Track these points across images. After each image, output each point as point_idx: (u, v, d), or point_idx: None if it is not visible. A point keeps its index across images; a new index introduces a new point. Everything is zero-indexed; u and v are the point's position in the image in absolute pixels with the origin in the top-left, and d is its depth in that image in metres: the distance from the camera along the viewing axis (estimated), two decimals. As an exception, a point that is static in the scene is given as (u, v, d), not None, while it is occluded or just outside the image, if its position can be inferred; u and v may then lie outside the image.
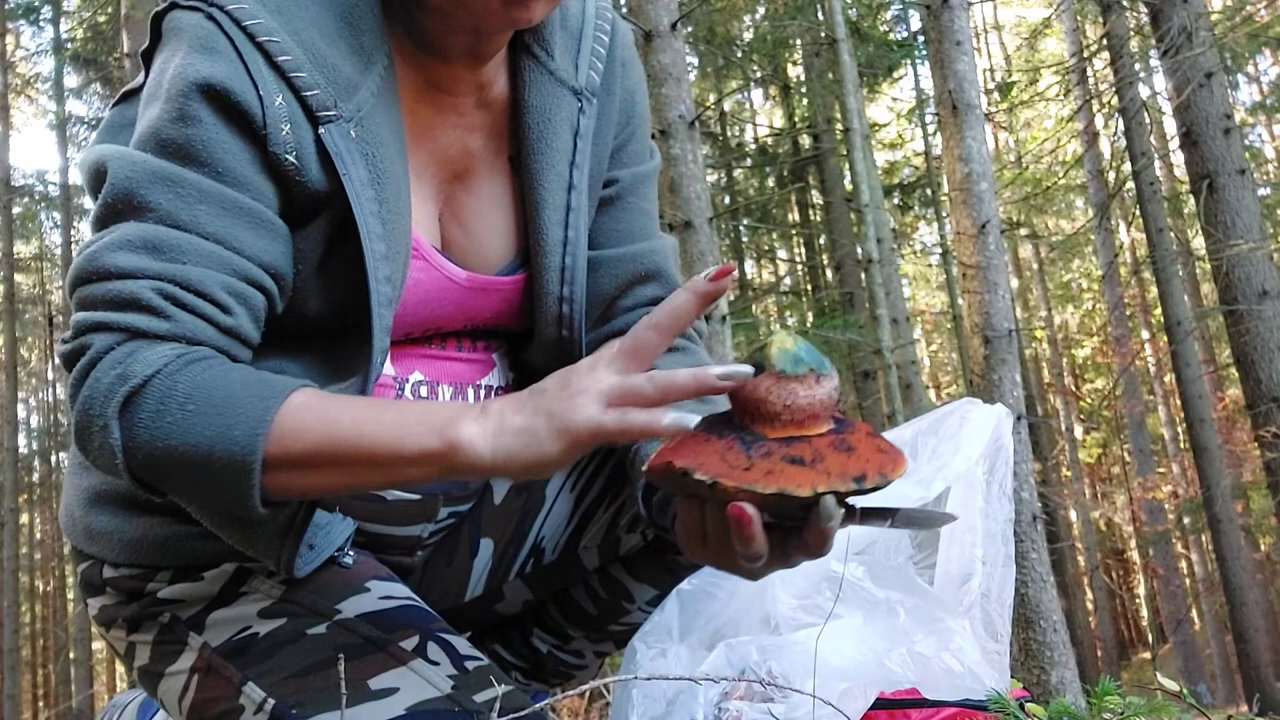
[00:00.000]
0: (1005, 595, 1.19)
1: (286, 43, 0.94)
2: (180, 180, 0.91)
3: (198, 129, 0.92)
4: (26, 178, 15.87)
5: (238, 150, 0.93)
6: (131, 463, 0.86)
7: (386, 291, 0.98)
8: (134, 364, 0.85)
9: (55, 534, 19.02)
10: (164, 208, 0.90)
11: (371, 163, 0.97)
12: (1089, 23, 14.57)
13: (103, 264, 0.89)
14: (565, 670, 1.33)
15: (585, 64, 1.12)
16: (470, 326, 1.14)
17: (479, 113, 1.09)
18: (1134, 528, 20.35)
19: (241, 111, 0.92)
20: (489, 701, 0.93)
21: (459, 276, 1.09)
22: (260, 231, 0.94)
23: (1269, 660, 11.12)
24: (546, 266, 1.10)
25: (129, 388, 0.85)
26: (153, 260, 0.89)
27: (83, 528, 1.06)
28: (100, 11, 12.74)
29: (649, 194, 1.23)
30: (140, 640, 1.05)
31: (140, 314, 0.88)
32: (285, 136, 0.94)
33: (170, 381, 0.85)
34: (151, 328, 0.88)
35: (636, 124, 1.20)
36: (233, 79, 0.92)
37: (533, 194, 1.10)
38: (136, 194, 0.90)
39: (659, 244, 1.21)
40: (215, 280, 0.90)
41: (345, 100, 0.96)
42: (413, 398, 1.10)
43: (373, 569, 1.07)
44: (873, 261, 9.06)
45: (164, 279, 0.89)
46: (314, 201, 0.97)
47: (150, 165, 0.91)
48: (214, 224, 0.91)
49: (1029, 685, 5.35)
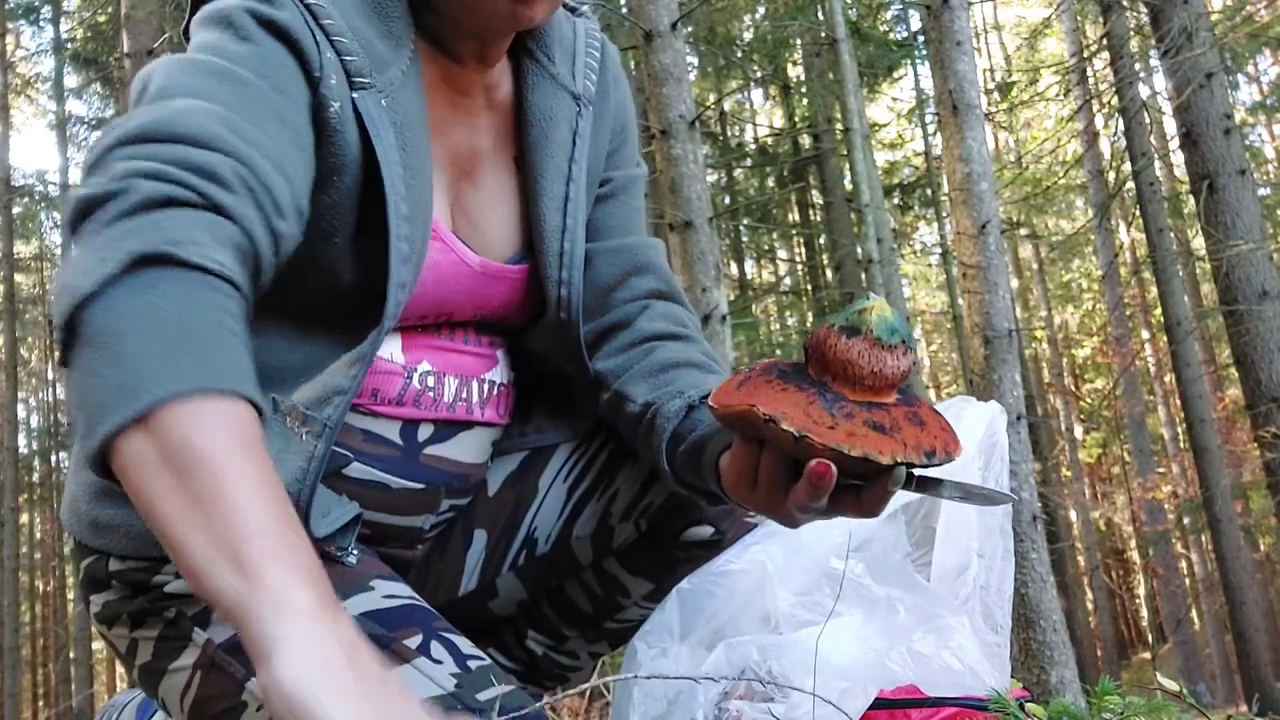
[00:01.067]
0: (1005, 588, 1.19)
1: (329, 9, 0.97)
2: (246, 82, 0.88)
3: (262, 47, 0.92)
4: (26, 178, 15.89)
5: (297, 82, 0.94)
6: (91, 302, 0.70)
7: (404, 249, 0.99)
8: (200, 245, 0.73)
9: (55, 534, 19.05)
10: (231, 100, 0.84)
11: (400, 132, 1.00)
12: (1089, 23, 14.57)
13: (177, 125, 0.79)
14: (560, 672, 1.34)
15: (580, 74, 1.18)
16: (479, 316, 1.16)
17: (486, 114, 1.14)
18: (1134, 528, 20.35)
19: (301, 50, 0.94)
20: (491, 700, 0.94)
21: (473, 261, 1.11)
22: (303, 160, 0.92)
23: (1269, 660, 11.12)
24: (546, 252, 1.14)
25: (174, 252, 0.71)
26: (228, 133, 0.80)
27: (88, 521, 1.06)
28: (100, 11, 12.75)
29: (636, 198, 1.29)
30: (143, 636, 1.05)
31: (216, 186, 0.77)
32: (334, 86, 0.96)
33: (189, 288, 0.71)
34: (220, 199, 0.77)
35: (628, 133, 1.28)
36: (294, 22, 0.94)
37: (534, 185, 1.15)
38: (198, 84, 0.84)
39: (651, 241, 1.27)
40: (279, 183, 0.84)
41: (379, 73, 0.99)
42: (420, 387, 1.11)
43: (376, 568, 1.07)
44: (873, 261, 9.07)
45: (239, 159, 0.80)
46: (344, 162, 0.98)
47: (214, 64, 0.88)
48: (275, 133, 0.87)
49: (1029, 685, 5.35)
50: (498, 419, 1.21)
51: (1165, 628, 18.08)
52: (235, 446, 0.68)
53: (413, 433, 1.12)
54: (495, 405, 1.20)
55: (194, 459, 0.66)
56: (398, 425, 1.11)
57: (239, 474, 0.67)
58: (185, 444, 0.66)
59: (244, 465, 0.67)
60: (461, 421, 1.15)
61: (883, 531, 1.23)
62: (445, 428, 1.14)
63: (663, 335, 1.18)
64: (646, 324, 1.19)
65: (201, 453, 0.66)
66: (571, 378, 1.22)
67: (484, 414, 1.18)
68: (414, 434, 1.12)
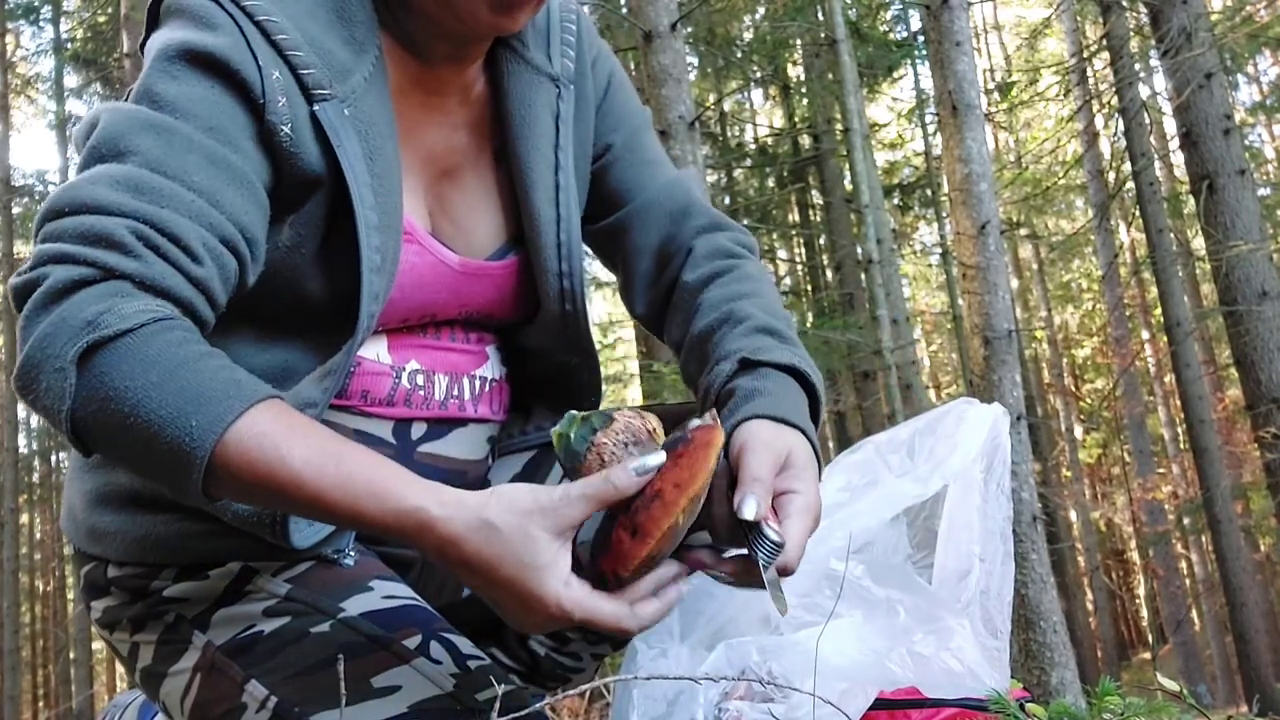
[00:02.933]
0: (1005, 592, 1.19)
1: (284, 24, 0.96)
2: (172, 130, 0.90)
3: (192, 87, 0.92)
4: (26, 178, 15.86)
5: (233, 114, 0.93)
6: (77, 414, 0.82)
7: (376, 260, 0.98)
8: (107, 314, 0.81)
9: (55, 534, 19.03)
10: (152, 153, 0.89)
11: (365, 139, 0.99)
12: (1089, 23, 14.57)
13: (78, 197, 0.86)
14: (562, 673, 1.34)
15: (557, 53, 1.16)
16: (464, 314, 1.15)
17: (463, 110, 1.13)
18: (1134, 528, 20.35)
19: (239, 80, 0.93)
20: (490, 700, 0.94)
21: (452, 260, 1.10)
22: (244, 193, 0.93)
23: (1269, 661, 11.12)
24: (543, 245, 1.13)
25: (97, 336, 0.81)
26: (132, 198, 0.86)
27: (86, 529, 1.07)
28: (100, 11, 12.76)
29: (649, 143, 1.26)
30: (144, 640, 1.05)
31: (113, 252, 0.84)
32: (282, 108, 0.95)
33: (142, 343, 0.81)
34: (123, 267, 0.84)
35: (615, 85, 1.23)
36: (232, 50, 0.93)
37: (522, 177, 1.13)
38: (125, 138, 0.89)
39: (674, 179, 1.24)
40: (192, 230, 0.88)
41: (340, 83, 0.98)
42: (409, 386, 1.11)
43: (376, 568, 1.07)
44: (873, 262, 9.06)
45: (140, 219, 0.85)
46: (308, 181, 0.98)
47: (142, 114, 0.91)
48: (200, 176, 0.89)
49: (1029, 686, 5.35)
50: (491, 414, 1.20)
51: (1165, 628, 18.07)
52: (294, 428, 0.82)
53: (405, 432, 1.11)
54: (488, 401, 1.19)
55: (273, 463, 0.80)
56: (390, 425, 1.10)
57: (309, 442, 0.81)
58: (260, 462, 0.80)
59: (311, 434, 0.83)
60: (454, 419, 1.15)
61: (884, 534, 1.23)
62: (438, 425, 1.14)
63: (705, 284, 1.16)
64: (691, 277, 1.17)
65: (281, 443, 0.80)
66: (575, 368, 1.22)
67: (477, 410, 1.17)
68: (407, 433, 1.11)
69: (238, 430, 0.80)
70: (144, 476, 0.88)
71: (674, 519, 0.81)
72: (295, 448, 0.80)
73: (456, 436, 1.16)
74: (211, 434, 0.79)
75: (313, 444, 0.81)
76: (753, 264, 1.20)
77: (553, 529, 0.80)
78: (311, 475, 0.80)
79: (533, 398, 1.27)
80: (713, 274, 1.16)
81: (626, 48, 6.19)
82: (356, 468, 0.81)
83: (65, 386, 0.81)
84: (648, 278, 1.22)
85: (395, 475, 0.82)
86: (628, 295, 1.25)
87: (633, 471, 0.82)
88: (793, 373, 1.04)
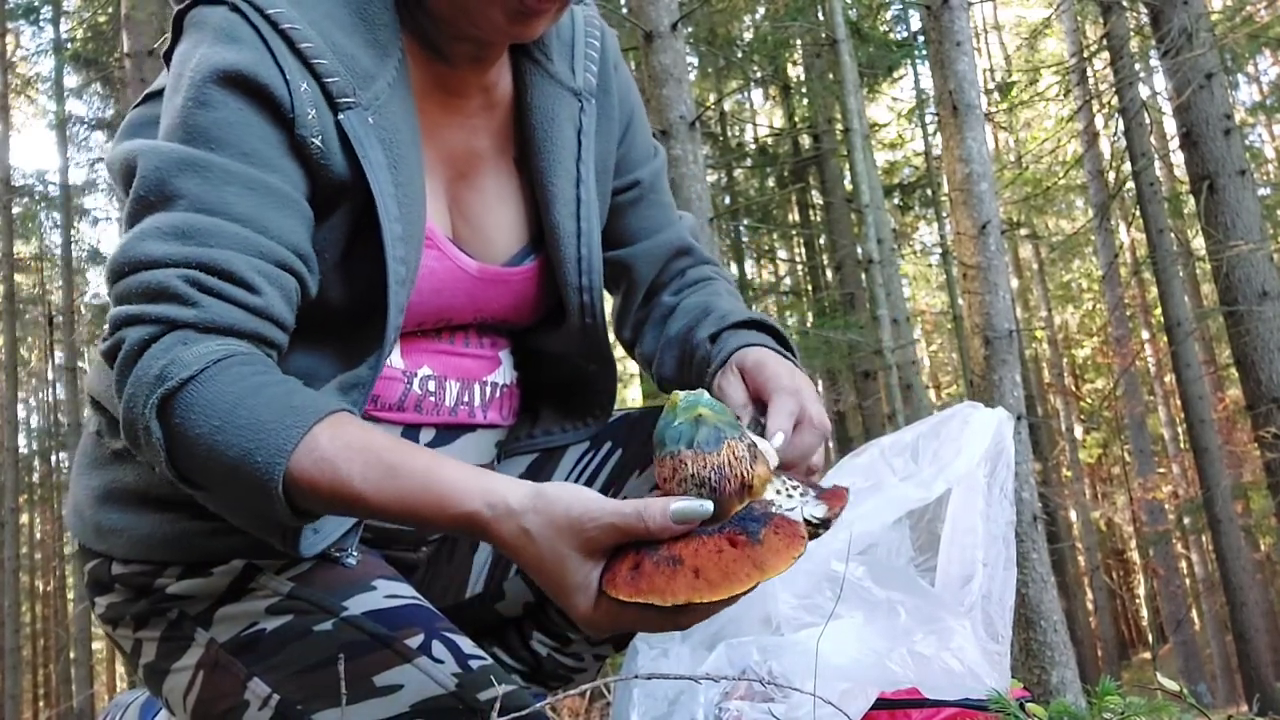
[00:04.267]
0: (1006, 597, 1.19)
1: (307, 31, 0.96)
2: (207, 165, 0.91)
3: (223, 112, 0.93)
4: (26, 178, 15.85)
5: (265, 133, 0.94)
6: (177, 464, 0.87)
7: (401, 272, 0.99)
8: (172, 365, 0.85)
9: (55, 534, 19.04)
10: (193, 193, 0.91)
11: (389, 148, 0.99)
12: (1089, 23, 14.56)
13: (133, 255, 0.89)
14: (564, 673, 1.34)
15: (580, 67, 1.16)
16: (479, 319, 1.16)
17: (484, 114, 1.13)
18: (1134, 528, 20.34)
19: (268, 96, 0.94)
20: (492, 700, 0.94)
21: (470, 266, 1.11)
22: (287, 213, 0.94)
23: (1269, 660, 11.12)
24: (564, 259, 1.14)
25: (165, 390, 0.85)
26: (180, 246, 0.89)
27: (92, 526, 1.07)
28: (100, 11, 12.75)
29: (664, 186, 1.31)
30: (147, 637, 1.06)
31: (170, 304, 0.88)
32: (312, 121, 0.95)
33: (201, 390, 0.85)
34: (181, 316, 0.87)
35: (636, 124, 1.26)
36: (259, 66, 0.93)
37: (543, 191, 1.13)
38: (166, 183, 0.91)
39: (680, 224, 1.30)
40: (243, 262, 0.90)
41: (364, 89, 0.98)
42: (420, 392, 1.11)
43: (378, 568, 1.07)
44: (873, 262, 9.06)
45: (191, 265, 0.88)
46: (336, 190, 0.98)
47: (177, 153, 0.92)
48: (242, 205, 0.91)
49: (1029, 685, 5.35)
50: (500, 421, 1.20)
51: (1165, 628, 18.07)
52: (353, 439, 0.85)
53: (414, 437, 1.11)
54: (498, 407, 1.19)
55: (337, 467, 0.83)
56: (398, 430, 1.10)
57: (369, 456, 0.83)
58: (324, 485, 0.83)
59: (371, 444, 0.85)
60: (463, 425, 1.15)
61: (887, 537, 1.23)
62: (447, 431, 1.14)
63: (682, 300, 1.24)
64: (671, 298, 1.25)
65: (340, 459, 0.83)
66: (593, 375, 1.22)
67: (486, 416, 1.18)
68: (415, 439, 1.11)
69: (298, 458, 0.83)
70: (250, 513, 0.91)
71: (666, 603, 0.72)
72: (353, 466, 0.82)
73: (464, 443, 1.16)
74: (277, 467, 0.82)
75: (369, 460, 0.83)
76: (726, 286, 1.27)
77: (582, 550, 0.78)
78: (372, 492, 0.82)
79: (542, 401, 1.27)
80: (690, 292, 1.24)
81: (627, 48, 6.19)
82: (410, 481, 0.82)
83: (155, 443, 0.86)
84: (637, 306, 1.28)
85: (447, 481, 0.82)
86: (619, 321, 1.31)
87: (670, 516, 0.76)
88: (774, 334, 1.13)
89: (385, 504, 0.82)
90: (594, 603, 0.77)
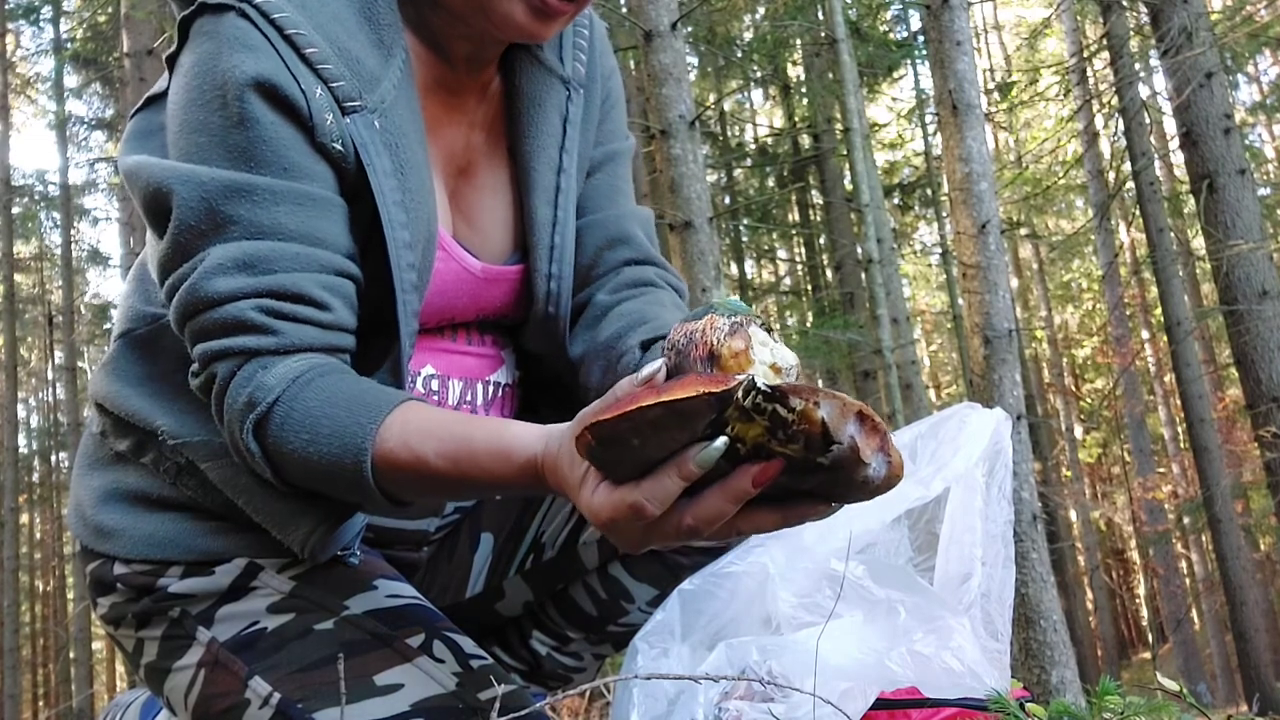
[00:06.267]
0: (1005, 596, 1.20)
1: (312, 35, 0.96)
2: (253, 188, 0.92)
3: (258, 129, 0.93)
4: (26, 178, 15.86)
5: (295, 142, 0.95)
6: (281, 477, 0.93)
7: (411, 278, 1.00)
8: (256, 390, 0.91)
9: (55, 534, 19.03)
10: (245, 219, 0.92)
11: (395, 153, 0.99)
12: (1089, 23, 14.57)
13: (204, 293, 0.92)
14: (564, 673, 1.34)
15: (570, 56, 1.16)
16: (480, 318, 1.16)
17: (480, 108, 1.13)
18: (1134, 528, 20.34)
19: (290, 104, 0.94)
20: (492, 699, 0.94)
21: (474, 267, 1.11)
22: (333, 218, 0.96)
23: (1269, 660, 11.11)
24: (537, 245, 1.13)
25: (256, 415, 0.90)
26: (248, 278, 0.92)
27: (93, 526, 1.07)
28: (100, 11, 12.74)
29: (622, 172, 1.26)
30: (148, 636, 1.06)
31: (250, 335, 0.92)
32: (330, 126, 0.96)
33: (287, 409, 0.90)
34: (263, 345, 0.92)
35: (612, 103, 1.24)
36: (278, 73, 0.94)
37: (525, 176, 1.13)
38: (216, 211, 0.92)
39: (626, 211, 1.23)
40: (309, 280, 0.93)
41: (369, 92, 0.98)
42: (423, 391, 1.12)
43: (380, 568, 1.08)
44: (873, 261, 9.06)
45: (262, 294, 0.92)
46: (351, 191, 0.99)
47: (220, 179, 0.92)
48: (293, 223, 0.93)
49: (1029, 685, 5.35)
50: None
51: (1165, 628, 18.07)
52: (422, 420, 0.89)
53: None
54: (499, 406, 1.19)
55: (411, 449, 0.87)
56: None
57: (439, 432, 0.87)
58: (408, 470, 0.87)
59: (436, 424, 0.89)
60: None
61: (886, 536, 1.23)
62: None
63: (618, 302, 1.16)
64: (606, 297, 1.17)
65: (414, 442, 0.87)
66: (563, 375, 1.22)
67: (488, 415, 1.18)
68: None
69: (380, 452, 0.87)
70: (358, 507, 0.99)
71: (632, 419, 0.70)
72: (428, 446, 0.87)
73: None
74: (362, 464, 0.87)
75: (442, 437, 0.87)
76: (672, 297, 1.19)
77: (570, 451, 0.79)
78: (451, 468, 0.86)
79: (539, 399, 1.27)
80: (628, 296, 1.17)
81: (626, 47, 6.20)
82: (481, 448, 0.85)
83: (260, 462, 0.92)
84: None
85: (511, 438, 0.84)
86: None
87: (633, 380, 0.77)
88: None
89: (465, 477, 0.86)
90: (593, 490, 0.76)
